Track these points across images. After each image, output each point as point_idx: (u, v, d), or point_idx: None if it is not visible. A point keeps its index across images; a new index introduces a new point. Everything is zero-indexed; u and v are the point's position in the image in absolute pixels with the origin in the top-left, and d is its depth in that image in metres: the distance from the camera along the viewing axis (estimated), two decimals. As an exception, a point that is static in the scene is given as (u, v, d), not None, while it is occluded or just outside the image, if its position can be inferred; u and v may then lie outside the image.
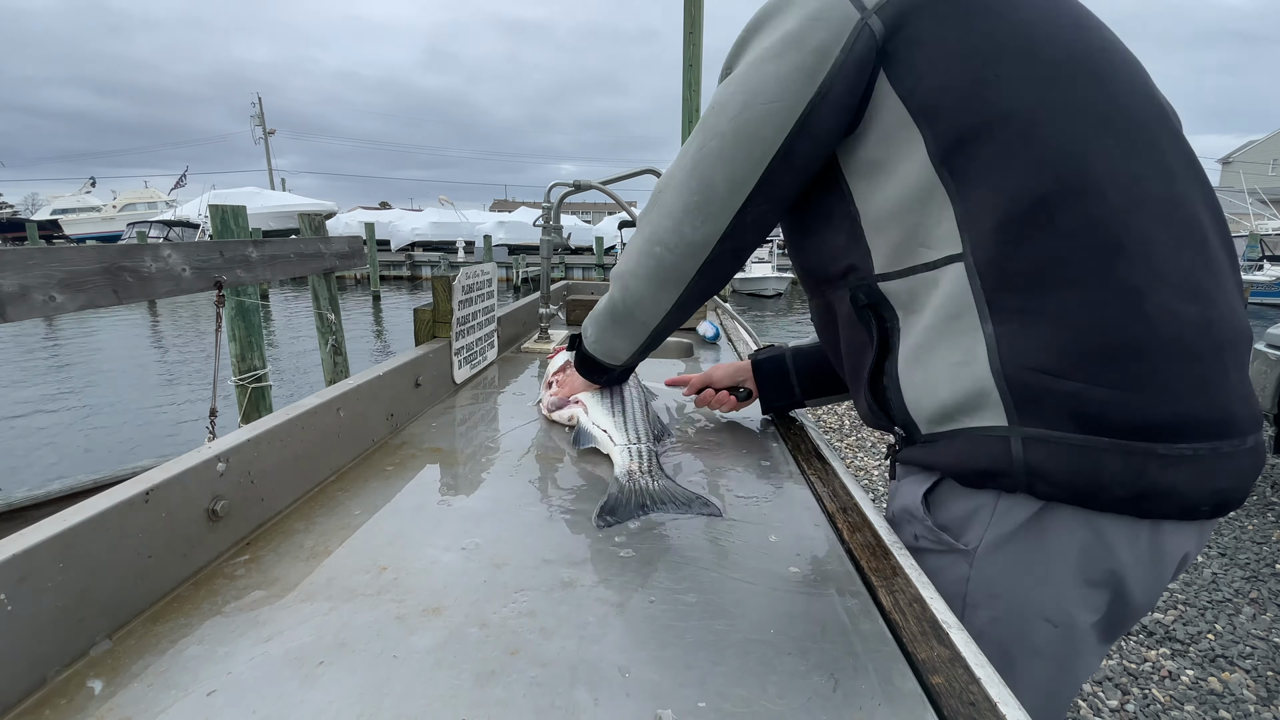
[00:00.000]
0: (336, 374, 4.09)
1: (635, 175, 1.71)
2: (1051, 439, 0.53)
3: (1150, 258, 0.53)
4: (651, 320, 0.79)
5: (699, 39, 5.10)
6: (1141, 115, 0.58)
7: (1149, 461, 0.52)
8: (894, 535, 0.64)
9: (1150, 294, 0.52)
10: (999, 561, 0.58)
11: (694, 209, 0.68)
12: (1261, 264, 16.34)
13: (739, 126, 0.64)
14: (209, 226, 3.56)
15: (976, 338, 0.57)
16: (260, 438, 0.65)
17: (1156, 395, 0.52)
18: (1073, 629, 0.58)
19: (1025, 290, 0.55)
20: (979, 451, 0.57)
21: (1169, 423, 0.52)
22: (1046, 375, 0.53)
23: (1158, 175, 0.56)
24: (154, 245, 2.21)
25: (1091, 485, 0.53)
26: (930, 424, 0.62)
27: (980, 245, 0.56)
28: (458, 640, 0.48)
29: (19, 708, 0.40)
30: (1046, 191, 0.54)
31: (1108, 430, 0.52)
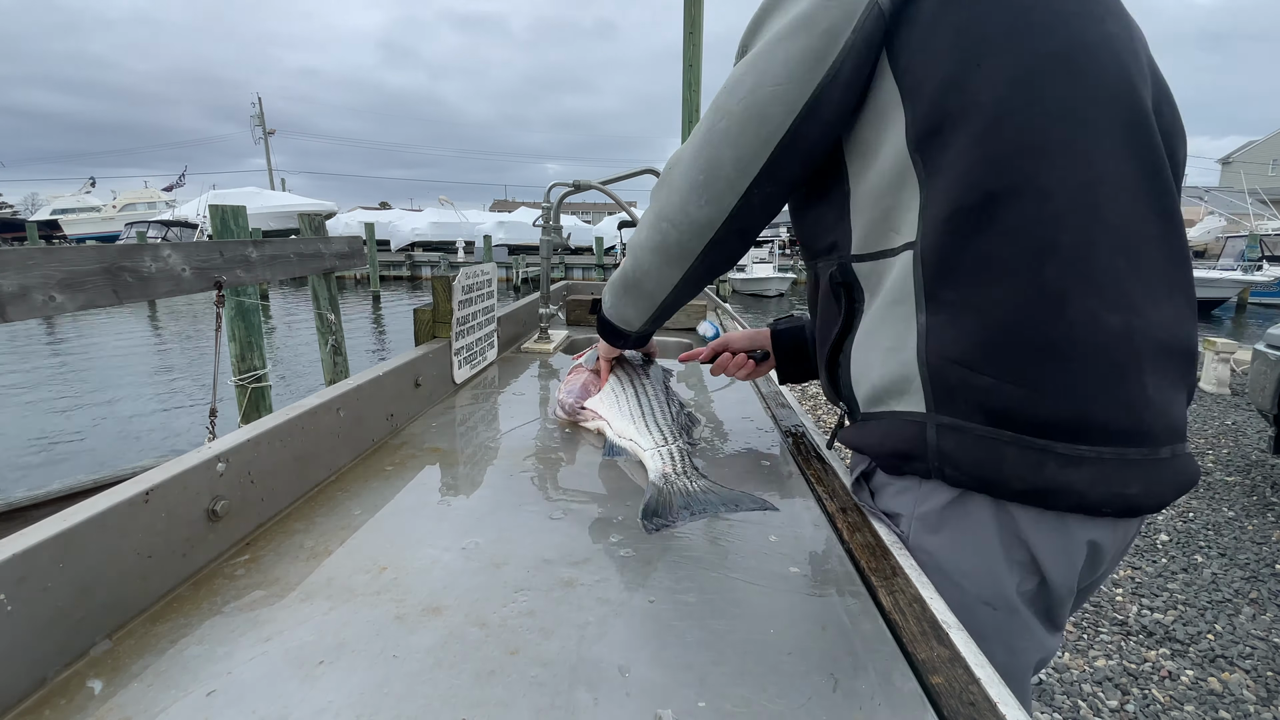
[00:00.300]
0: (336, 374, 4.09)
1: (635, 175, 1.71)
2: (962, 428, 0.56)
3: (1083, 263, 0.54)
4: (659, 292, 0.81)
5: (699, 39, 5.10)
6: (1113, 118, 0.57)
7: (1047, 458, 0.53)
8: (893, 535, 0.64)
9: (1075, 298, 0.53)
10: (930, 547, 0.61)
11: (700, 187, 0.68)
12: (1261, 264, 16.34)
13: (747, 107, 0.64)
14: (208, 226, 3.56)
15: (910, 325, 0.60)
16: (260, 438, 0.65)
17: (1062, 396, 0.53)
18: (1012, 611, 0.59)
19: (961, 284, 0.57)
20: (897, 434, 0.61)
21: (1069, 423, 0.53)
22: (964, 368, 0.56)
23: (1113, 182, 0.55)
24: (154, 245, 2.21)
25: (994, 475, 0.55)
26: (866, 404, 0.66)
27: (928, 234, 0.58)
28: (457, 640, 0.48)
29: (19, 708, 0.40)
30: (997, 188, 0.55)
31: (1012, 425, 0.54)
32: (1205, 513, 3.04)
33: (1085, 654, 2.02)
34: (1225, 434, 4.17)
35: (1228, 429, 4.27)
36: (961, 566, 0.59)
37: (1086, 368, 0.53)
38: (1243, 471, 3.55)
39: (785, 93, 0.62)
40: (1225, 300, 15.38)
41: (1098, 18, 0.59)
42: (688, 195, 0.70)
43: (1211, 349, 5.33)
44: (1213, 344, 5.34)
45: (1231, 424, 4.38)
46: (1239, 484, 3.38)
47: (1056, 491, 0.54)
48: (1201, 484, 3.38)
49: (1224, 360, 5.28)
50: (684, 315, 1.98)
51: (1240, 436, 4.12)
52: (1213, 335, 5.90)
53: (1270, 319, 9.47)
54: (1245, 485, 3.37)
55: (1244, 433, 4.20)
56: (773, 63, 0.62)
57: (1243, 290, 15.17)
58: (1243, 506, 3.11)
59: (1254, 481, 3.42)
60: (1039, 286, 0.54)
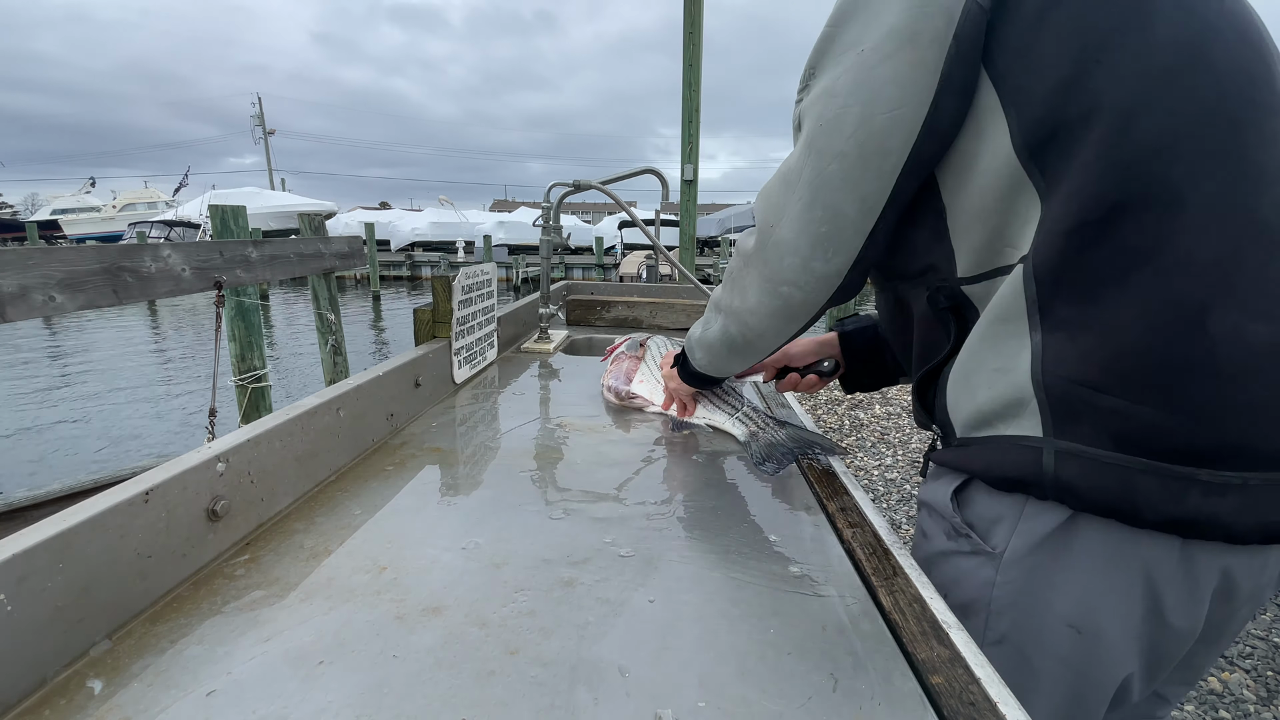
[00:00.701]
0: (336, 374, 4.10)
1: (635, 175, 1.71)
2: (1085, 454, 0.51)
3: (1225, 272, 0.48)
4: (774, 345, 0.78)
5: (699, 39, 5.10)
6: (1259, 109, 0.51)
7: (1190, 487, 0.48)
8: (894, 535, 0.64)
9: (1216, 310, 0.48)
10: (1026, 565, 0.56)
11: (823, 240, 0.63)
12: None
13: (862, 143, 0.58)
14: (209, 226, 3.56)
15: (1023, 343, 0.55)
16: (260, 438, 0.65)
17: (1206, 418, 0.48)
18: (1098, 636, 0.55)
19: (1080, 298, 0.52)
20: (1009, 459, 0.56)
21: (1216, 448, 0.48)
22: (1087, 389, 0.51)
23: (1255, 179, 0.50)
24: (153, 245, 2.21)
25: (1125, 505, 0.50)
26: (966, 428, 0.61)
27: (1043, 247, 0.53)
28: (457, 640, 0.48)
29: (19, 708, 0.40)
30: (1126, 197, 0.50)
31: (1146, 451, 0.49)
32: (1205, 513, 3.04)
33: (1085, 654, 2.02)
34: (1225, 434, 4.17)
35: (1228, 429, 4.27)
36: (1053, 584, 0.55)
37: (1230, 386, 0.48)
38: (1243, 471, 3.55)
39: (902, 117, 0.56)
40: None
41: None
42: (810, 253, 0.64)
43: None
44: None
45: (1231, 424, 4.38)
46: (1239, 484, 3.38)
47: (1199, 522, 0.49)
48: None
49: (1224, 360, 5.28)
50: (684, 315, 1.98)
51: (1240, 436, 4.12)
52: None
53: (1270, 319, 9.42)
54: (1245, 485, 3.37)
55: (1244, 433, 4.20)
56: (879, 88, 0.57)
57: None
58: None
59: (1254, 481, 3.42)
60: (1172, 299, 0.49)
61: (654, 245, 1.72)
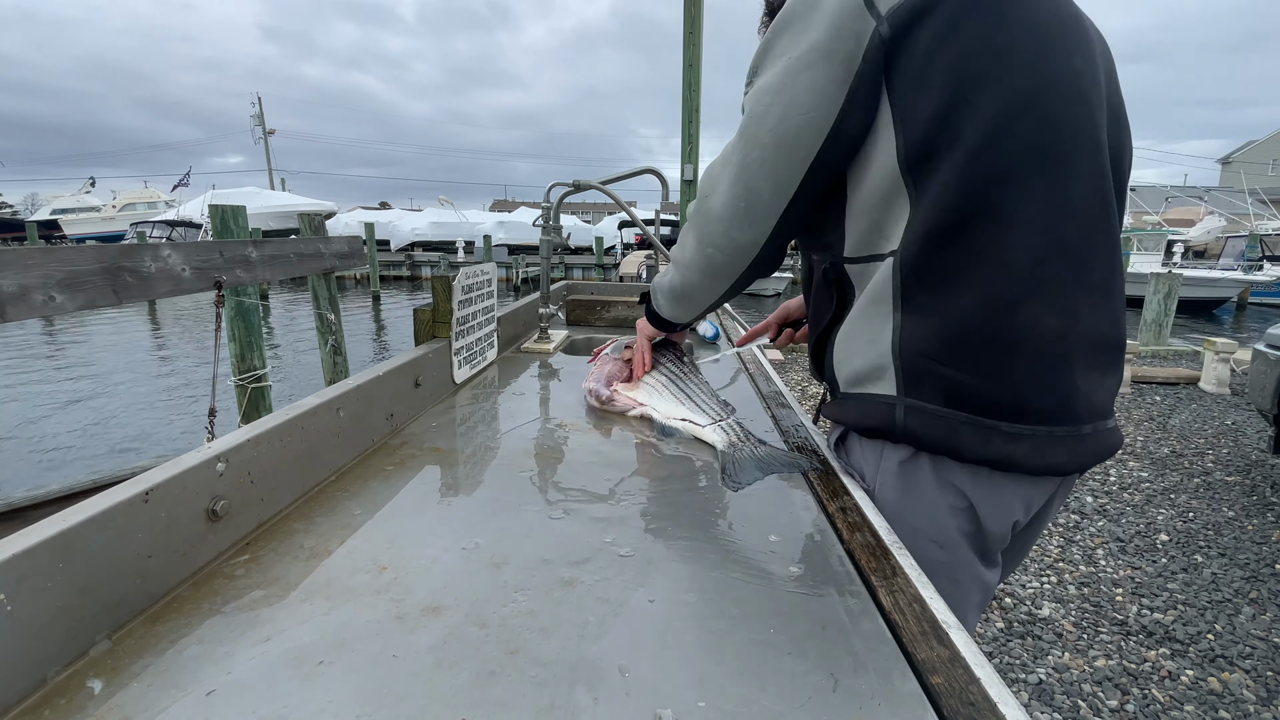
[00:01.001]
0: (336, 374, 4.09)
1: (635, 175, 1.71)
2: (925, 409, 0.68)
3: (1034, 277, 0.63)
4: (708, 300, 0.91)
5: (699, 39, 5.10)
6: (1076, 151, 0.65)
7: (994, 435, 0.65)
8: (894, 535, 0.64)
9: (1024, 306, 0.64)
10: (890, 495, 0.73)
11: (742, 214, 0.75)
12: (1261, 264, 16.34)
13: (780, 137, 0.69)
14: (210, 226, 3.56)
15: (887, 322, 0.70)
16: (260, 438, 0.65)
17: (1006, 385, 0.65)
18: (955, 548, 0.71)
19: (930, 289, 0.66)
20: (872, 412, 0.72)
21: (1011, 407, 0.65)
22: (929, 359, 0.67)
23: (1067, 208, 0.65)
24: (153, 245, 2.21)
25: (952, 447, 0.67)
26: (845, 385, 0.76)
27: (909, 246, 0.67)
28: (457, 640, 0.48)
29: (19, 708, 0.40)
30: (969, 211, 0.64)
31: (967, 407, 0.66)
32: (1205, 513, 3.04)
33: (1085, 654, 2.02)
34: (1225, 434, 4.17)
35: (1228, 429, 4.28)
36: (915, 510, 0.71)
37: (1028, 363, 0.64)
38: (1243, 471, 3.55)
39: (813, 120, 0.67)
40: (1225, 300, 15.39)
41: (1066, 54, 0.66)
42: (730, 222, 0.76)
43: (1211, 349, 5.33)
44: (1213, 344, 5.34)
45: (1231, 424, 4.38)
46: (1239, 484, 3.38)
47: (1001, 460, 0.66)
48: (1201, 484, 3.38)
49: (1224, 360, 5.28)
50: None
51: (1240, 436, 4.12)
52: (1213, 335, 5.90)
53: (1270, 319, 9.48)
54: (1245, 485, 3.37)
55: (1244, 433, 4.20)
56: (798, 92, 0.68)
57: (1243, 290, 15.17)
58: (1243, 506, 3.11)
59: (1254, 481, 3.42)
60: (996, 295, 0.64)
61: (654, 245, 1.72)
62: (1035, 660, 1.99)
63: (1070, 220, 0.65)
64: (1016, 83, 0.63)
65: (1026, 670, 1.94)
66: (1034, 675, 1.92)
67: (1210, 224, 21.63)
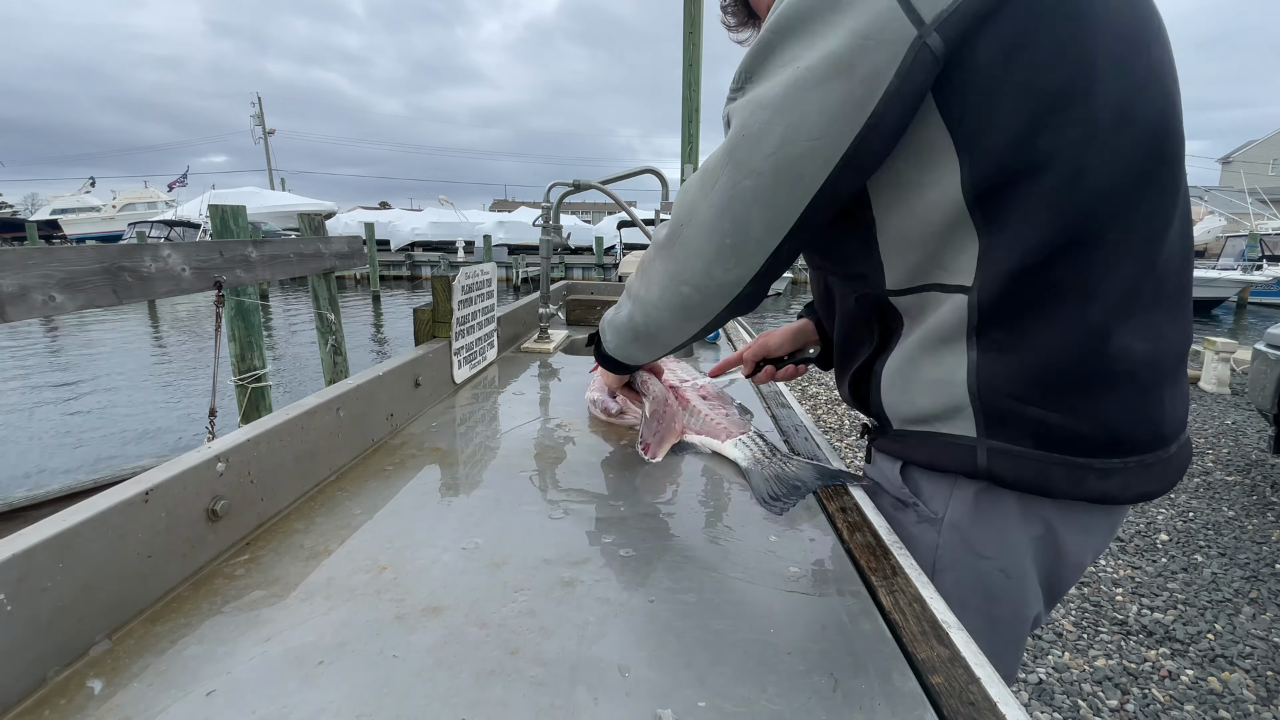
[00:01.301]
0: (336, 374, 4.10)
1: (635, 175, 1.71)
2: (1012, 452, 0.62)
3: (1124, 303, 0.58)
4: (674, 341, 0.79)
5: (699, 39, 5.10)
6: (1159, 163, 0.58)
7: (1087, 473, 0.60)
8: (894, 535, 0.64)
9: (1114, 334, 0.58)
10: (961, 526, 0.67)
11: (727, 251, 0.63)
12: (1261, 264, 16.34)
13: (778, 165, 0.58)
14: (209, 226, 3.56)
15: (960, 360, 0.63)
16: (260, 438, 0.65)
17: (1102, 423, 0.60)
18: (1024, 578, 0.66)
19: (1010, 325, 0.60)
20: (948, 454, 0.65)
21: (1107, 444, 0.60)
22: (1017, 400, 0.61)
23: (1153, 225, 0.59)
24: (153, 245, 2.21)
25: (1040, 488, 0.62)
26: (904, 422, 0.69)
27: (988, 283, 0.59)
28: (457, 640, 0.48)
29: (19, 708, 0.40)
30: (1063, 243, 0.56)
31: (1057, 448, 0.60)
32: (1205, 513, 3.04)
33: (1085, 654, 2.02)
34: (1225, 434, 4.17)
35: (1228, 429, 4.27)
36: (987, 538, 0.66)
37: (1124, 396, 0.59)
38: (1243, 471, 3.55)
39: (820, 148, 0.56)
40: (1225, 300, 15.39)
41: (1147, 46, 0.58)
42: (713, 260, 0.64)
43: (1211, 349, 5.33)
44: (1213, 344, 5.34)
45: (1231, 424, 4.38)
46: (1239, 484, 3.38)
47: (1095, 497, 0.61)
48: (1201, 484, 3.38)
49: (1224, 360, 5.28)
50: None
51: (1240, 436, 4.12)
52: (1213, 335, 5.90)
53: (1270, 319, 9.48)
54: (1245, 485, 3.37)
55: (1244, 433, 4.20)
56: (805, 113, 0.56)
57: (1243, 290, 15.17)
58: (1243, 506, 3.11)
59: (1254, 481, 3.42)
60: (1084, 328, 0.58)
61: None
62: (1035, 660, 1.99)
63: (1161, 239, 0.59)
64: (1104, 95, 0.55)
65: (1026, 670, 1.95)
66: (1034, 675, 1.92)
67: (1210, 224, 21.63)
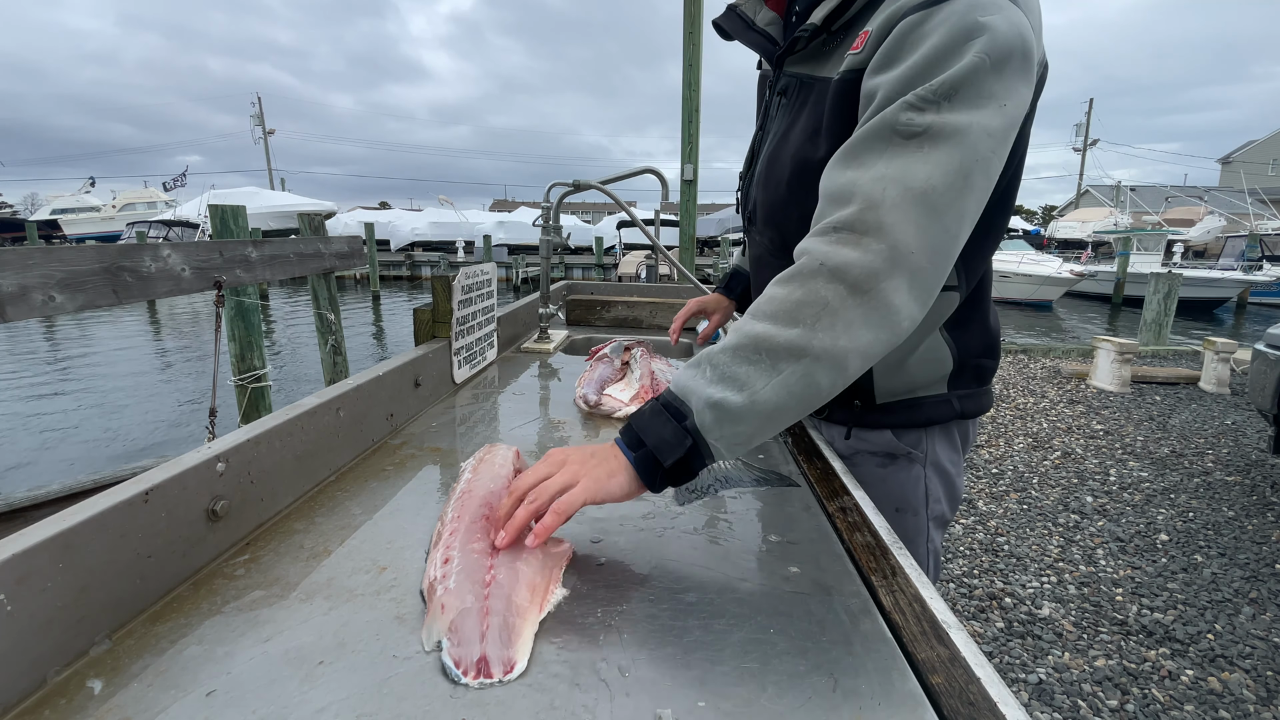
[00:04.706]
0: (336, 374, 4.09)
1: (635, 175, 1.71)
2: (969, 392, 0.89)
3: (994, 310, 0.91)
4: None
5: (699, 39, 5.09)
6: None
7: (987, 395, 0.92)
8: (893, 535, 0.64)
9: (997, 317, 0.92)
10: (939, 457, 0.90)
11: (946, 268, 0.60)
12: (1261, 264, 16.34)
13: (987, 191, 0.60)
14: (208, 226, 3.56)
15: (940, 341, 0.84)
16: (260, 438, 0.65)
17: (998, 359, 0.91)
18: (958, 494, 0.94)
19: (969, 311, 0.85)
20: (932, 409, 0.87)
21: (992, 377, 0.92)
22: (975, 356, 0.87)
23: None
24: (153, 245, 2.21)
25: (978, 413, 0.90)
26: (890, 395, 0.87)
27: (966, 285, 0.82)
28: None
29: (19, 708, 0.40)
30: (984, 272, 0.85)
31: (985, 381, 0.91)
32: (1205, 513, 3.04)
33: (1085, 654, 2.02)
34: (1225, 434, 4.17)
35: (1228, 429, 4.28)
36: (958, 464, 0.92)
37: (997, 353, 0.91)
38: (1243, 471, 3.55)
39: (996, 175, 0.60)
40: (1225, 300, 15.39)
41: None
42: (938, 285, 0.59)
43: (1211, 349, 5.33)
44: (1213, 344, 5.34)
45: (1231, 424, 4.38)
46: (1239, 484, 3.38)
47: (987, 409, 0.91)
48: (1201, 484, 3.38)
49: (1224, 360, 5.28)
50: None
51: (1240, 436, 4.12)
52: (1213, 335, 5.89)
53: (1270, 319, 9.48)
54: (1245, 485, 3.37)
55: (1244, 433, 4.20)
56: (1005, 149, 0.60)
57: (1243, 290, 15.17)
58: (1243, 506, 3.11)
59: (1254, 481, 3.42)
60: (992, 312, 0.90)
61: (653, 245, 1.72)
62: (1035, 660, 1.99)
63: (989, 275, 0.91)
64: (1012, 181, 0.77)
65: (1026, 670, 1.95)
66: (1034, 675, 1.92)
67: (1210, 224, 21.63)
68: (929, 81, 0.59)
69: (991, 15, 0.59)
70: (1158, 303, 7.24)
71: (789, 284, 0.59)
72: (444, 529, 0.59)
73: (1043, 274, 15.26)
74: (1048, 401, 4.86)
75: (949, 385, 0.85)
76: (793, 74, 0.82)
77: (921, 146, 0.58)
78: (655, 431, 0.58)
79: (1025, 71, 0.60)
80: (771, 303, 0.59)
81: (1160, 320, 7.26)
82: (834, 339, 0.55)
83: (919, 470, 0.88)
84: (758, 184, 0.89)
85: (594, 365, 1.24)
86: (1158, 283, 7.21)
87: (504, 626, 0.46)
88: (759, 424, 0.57)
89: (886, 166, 0.58)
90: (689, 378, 0.59)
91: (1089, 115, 34.79)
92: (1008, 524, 2.92)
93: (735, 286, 1.25)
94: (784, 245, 0.83)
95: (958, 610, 2.25)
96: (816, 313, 0.56)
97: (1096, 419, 4.44)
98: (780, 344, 0.56)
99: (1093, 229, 21.96)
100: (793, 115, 0.81)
